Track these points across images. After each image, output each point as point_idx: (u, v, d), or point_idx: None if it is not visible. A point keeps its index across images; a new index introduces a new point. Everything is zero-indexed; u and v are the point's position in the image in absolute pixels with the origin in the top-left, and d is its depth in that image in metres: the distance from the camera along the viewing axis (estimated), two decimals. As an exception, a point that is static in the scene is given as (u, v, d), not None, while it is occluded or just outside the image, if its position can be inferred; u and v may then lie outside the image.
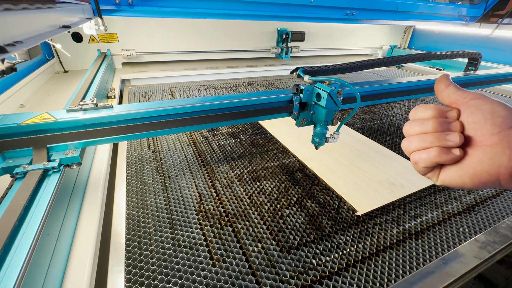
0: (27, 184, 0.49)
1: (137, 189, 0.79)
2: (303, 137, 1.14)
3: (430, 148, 0.30)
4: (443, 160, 0.29)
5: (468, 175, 0.29)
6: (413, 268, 0.59)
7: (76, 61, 1.91)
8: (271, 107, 0.75)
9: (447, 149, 0.29)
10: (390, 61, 0.89)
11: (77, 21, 0.98)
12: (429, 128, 0.30)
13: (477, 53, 1.17)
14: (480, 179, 0.28)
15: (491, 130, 0.28)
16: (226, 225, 0.68)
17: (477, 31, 2.34)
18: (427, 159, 0.30)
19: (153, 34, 2.02)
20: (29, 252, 0.38)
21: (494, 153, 0.27)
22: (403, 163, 0.98)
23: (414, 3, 1.99)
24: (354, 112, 0.69)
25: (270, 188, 0.83)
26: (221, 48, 2.28)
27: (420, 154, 0.31)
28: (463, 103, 0.31)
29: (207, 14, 1.53)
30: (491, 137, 0.28)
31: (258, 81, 2.02)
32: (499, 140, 0.28)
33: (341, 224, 0.70)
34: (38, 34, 0.59)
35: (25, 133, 0.56)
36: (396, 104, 1.64)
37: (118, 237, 0.63)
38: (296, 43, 2.48)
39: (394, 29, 2.93)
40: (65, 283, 0.49)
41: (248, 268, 0.57)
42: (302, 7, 1.69)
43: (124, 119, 0.63)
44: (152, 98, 1.58)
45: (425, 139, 0.30)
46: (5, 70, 0.54)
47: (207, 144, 1.08)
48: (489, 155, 0.28)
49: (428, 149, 0.30)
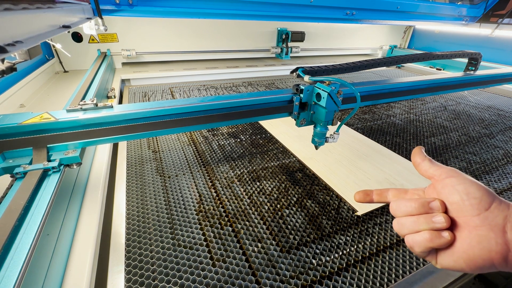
0: (27, 184, 0.49)
1: (137, 189, 0.79)
2: (303, 137, 1.14)
3: (422, 231, 0.30)
4: (436, 245, 0.29)
5: (462, 260, 0.28)
6: (413, 268, 0.59)
7: (76, 61, 1.91)
8: (271, 107, 0.75)
9: (438, 232, 0.29)
10: (390, 61, 0.89)
11: (77, 21, 0.98)
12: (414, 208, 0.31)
13: (477, 53, 1.17)
14: (475, 264, 0.27)
15: (471, 211, 0.28)
16: (226, 225, 0.68)
17: (477, 31, 2.34)
18: (421, 242, 0.30)
19: (153, 34, 2.02)
20: (29, 252, 0.38)
21: (480, 237, 0.27)
22: (403, 163, 0.98)
23: (414, 3, 1.99)
24: (354, 112, 0.69)
25: (270, 188, 0.83)
26: (221, 48, 2.28)
27: (414, 237, 0.30)
28: (439, 181, 0.32)
29: (207, 14, 1.53)
30: (473, 219, 0.28)
31: (258, 81, 2.02)
32: (480, 223, 0.27)
33: (341, 224, 0.70)
34: (38, 34, 0.59)
35: (25, 133, 0.56)
36: (396, 104, 1.64)
37: (118, 237, 0.63)
38: (296, 43, 2.48)
39: (394, 29, 2.93)
40: (65, 283, 0.49)
41: (248, 268, 0.57)
42: (302, 7, 1.69)
43: (124, 119, 0.63)
44: (152, 98, 1.58)
45: (416, 221, 0.30)
46: (5, 70, 0.54)
47: (207, 144, 1.08)
48: (476, 239, 0.27)
49: (421, 233, 0.30)
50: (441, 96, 1.83)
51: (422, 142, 1.17)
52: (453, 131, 1.29)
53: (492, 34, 2.19)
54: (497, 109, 1.63)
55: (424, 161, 0.35)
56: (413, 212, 0.31)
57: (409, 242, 0.31)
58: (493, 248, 0.26)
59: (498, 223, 0.27)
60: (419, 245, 0.30)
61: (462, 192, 0.29)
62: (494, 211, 0.27)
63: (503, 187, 0.89)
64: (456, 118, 1.47)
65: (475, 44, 2.40)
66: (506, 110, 1.62)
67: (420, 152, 0.36)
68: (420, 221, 0.30)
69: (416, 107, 1.61)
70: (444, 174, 0.32)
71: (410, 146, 1.12)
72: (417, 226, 0.30)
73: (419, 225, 0.30)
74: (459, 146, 1.15)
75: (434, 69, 2.49)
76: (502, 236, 0.26)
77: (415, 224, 0.30)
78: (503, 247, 0.26)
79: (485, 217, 0.27)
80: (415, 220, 0.30)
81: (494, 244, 0.26)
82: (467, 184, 0.29)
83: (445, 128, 1.33)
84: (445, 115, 1.50)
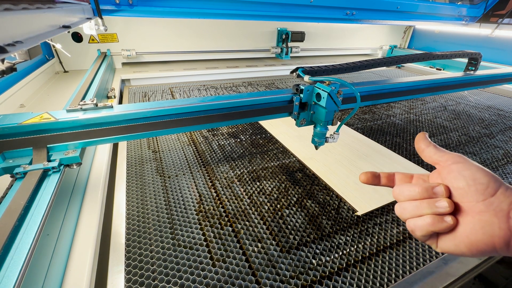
0: (27, 184, 0.49)
1: (137, 189, 0.79)
2: (303, 137, 1.14)
3: (424, 215, 0.30)
4: (438, 229, 0.29)
5: (464, 244, 0.28)
6: (413, 268, 0.59)
7: (76, 61, 1.91)
8: (271, 107, 0.75)
9: (440, 217, 0.29)
10: (390, 61, 0.89)
11: (77, 21, 0.98)
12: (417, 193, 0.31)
13: (477, 53, 1.17)
14: (477, 249, 0.28)
15: (476, 197, 0.28)
16: (226, 225, 0.68)
17: (477, 31, 2.34)
18: (423, 226, 0.30)
19: (153, 34, 2.02)
20: (29, 252, 0.38)
21: (483, 222, 0.27)
22: (403, 163, 0.98)
23: (414, 3, 1.99)
24: (354, 112, 0.69)
25: (270, 188, 0.83)
26: (221, 48, 2.28)
27: (416, 221, 0.30)
28: (444, 167, 0.32)
29: (207, 14, 1.53)
30: (477, 204, 0.28)
31: (258, 81, 2.02)
32: (485, 208, 0.28)
33: (341, 224, 0.70)
34: (38, 34, 0.59)
35: (25, 133, 0.56)
36: (396, 104, 1.64)
37: (118, 237, 0.63)
38: (296, 43, 2.48)
39: (394, 29, 2.93)
40: (65, 283, 0.49)
41: (248, 268, 0.57)
42: (302, 7, 1.69)
43: (124, 119, 0.63)
44: (152, 98, 1.58)
45: (418, 206, 0.30)
46: (5, 70, 0.54)
47: (207, 144, 1.08)
48: (479, 224, 0.27)
49: (423, 217, 0.30)
50: (441, 96, 1.83)
51: (422, 142, 1.17)
52: (453, 131, 1.29)
53: (492, 34, 2.19)
54: (497, 109, 1.63)
55: (429, 147, 0.34)
56: (416, 197, 0.31)
57: (410, 226, 0.31)
58: (496, 233, 0.26)
59: (502, 209, 0.27)
60: (420, 229, 0.30)
61: (469, 178, 0.29)
62: (499, 197, 0.27)
63: (503, 187, 0.89)
64: (456, 118, 1.47)
65: (475, 44, 2.40)
66: (506, 110, 1.62)
67: (424, 138, 0.35)
68: (423, 205, 0.30)
69: (416, 107, 1.61)
70: (450, 160, 0.31)
71: (410, 146, 1.12)
72: (420, 210, 0.30)
73: (421, 209, 0.30)
74: (459, 146, 1.15)
75: (434, 69, 2.49)
76: (506, 222, 0.26)
77: (418, 209, 0.30)
78: (506, 232, 0.26)
79: (490, 203, 0.27)
80: (418, 205, 0.30)
81: (497, 229, 0.26)
82: (473, 169, 0.29)
83: (445, 128, 1.33)
84: (445, 115, 1.50)
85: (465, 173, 0.29)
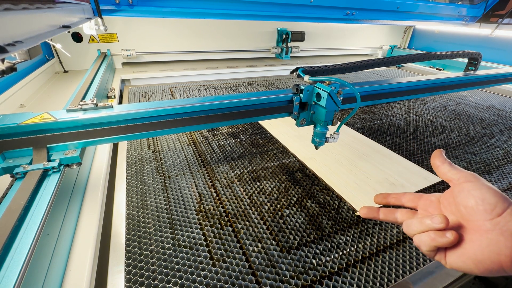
0: (27, 184, 0.49)
1: (137, 189, 0.79)
2: (303, 137, 1.14)
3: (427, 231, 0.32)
4: (440, 244, 0.30)
5: (471, 261, 0.29)
6: (413, 268, 0.59)
7: (76, 61, 1.91)
8: (271, 107, 0.75)
9: (442, 232, 0.30)
10: (390, 61, 0.89)
11: (77, 21, 0.98)
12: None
13: (477, 53, 1.17)
14: (484, 266, 0.28)
15: (483, 216, 0.29)
16: (226, 225, 0.68)
17: (477, 31, 2.34)
18: (426, 241, 0.31)
19: (153, 34, 2.02)
20: (29, 252, 0.38)
21: (490, 240, 0.28)
22: (403, 163, 0.98)
23: (414, 3, 1.99)
24: (354, 112, 0.69)
25: (270, 188, 0.82)
26: (221, 48, 2.28)
27: (420, 236, 0.33)
28: (457, 184, 0.33)
29: (207, 14, 1.53)
30: (485, 223, 0.29)
31: (258, 81, 2.02)
32: (492, 227, 0.28)
33: (341, 224, 0.70)
34: (38, 34, 0.59)
35: (25, 133, 0.56)
36: (396, 104, 1.64)
37: (118, 237, 0.63)
38: (296, 43, 2.48)
39: (394, 29, 2.93)
40: (65, 283, 0.49)
41: (248, 268, 0.57)
42: (302, 7, 1.69)
43: (124, 119, 0.63)
44: (152, 98, 1.58)
45: (422, 222, 0.32)
46: (5, 70, 0.54)
47: (207, 144, 1.08)
48: (486, 241, 0.28)
49: (427, 232, 0.32)
50: (441, 96, 1.83)
51: (422, 142, 1.17)
52: (453, 131, 1.29)
53: (492, 34, 2.19)
54: (497, 109, 1.63)
55: (444, 164, 0.36)
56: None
57: (416, 241, 0.33)
58: (502, 251, 0.27)
59: (509, 228, 0.28)
60: (424, 243, 0.32)
61: (478, 197, 0.30)
62: (506, 216, 0.28)
63: (503, 187, 0.89)
64: (456, 118, 1.47)
65: (475, 44, 2.40)
66: (506, 110, 1.62)
67: (440, 155, 0.37)
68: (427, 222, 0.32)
69: (416, 107, 1.61)
70: (462, 178, 0.33)
71: (410, 146, 1.12)
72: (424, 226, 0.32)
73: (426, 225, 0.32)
74: (459, 146, 1.15)
75: (434, 69, 2.49)
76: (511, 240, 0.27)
77: (421, 225, 0.32)
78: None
79: (496, 222, 0.28)
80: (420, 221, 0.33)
81: (504, 247, 0.27)
82: (483, 190, 0.30)
83: (445, 128, 1.33)
84: (445, 115, 1.50)
85: (474, 193, 0.30)
